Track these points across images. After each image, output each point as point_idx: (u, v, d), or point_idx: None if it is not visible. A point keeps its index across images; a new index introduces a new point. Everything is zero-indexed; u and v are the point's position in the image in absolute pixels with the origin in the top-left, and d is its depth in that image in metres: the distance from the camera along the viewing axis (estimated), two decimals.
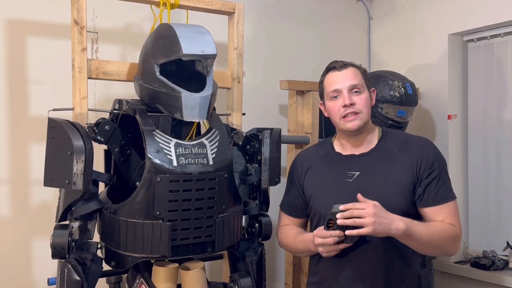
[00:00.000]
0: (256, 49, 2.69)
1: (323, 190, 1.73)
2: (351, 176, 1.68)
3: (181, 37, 1.53)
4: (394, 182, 1.64)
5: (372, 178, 1.66)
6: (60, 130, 1.47)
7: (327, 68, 1.74)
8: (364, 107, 1.66)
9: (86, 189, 1.47)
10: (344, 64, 1.70)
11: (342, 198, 1.56)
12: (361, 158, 1.71)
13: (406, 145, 1.70)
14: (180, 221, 1.52)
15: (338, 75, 1.68)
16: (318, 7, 3.02)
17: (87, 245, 1.59)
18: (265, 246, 1.86)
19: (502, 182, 2.67)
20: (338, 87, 1.67)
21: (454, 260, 2.75)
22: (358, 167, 1.69)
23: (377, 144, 1.72)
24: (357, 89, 1.66)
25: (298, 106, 2.53)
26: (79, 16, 1.67)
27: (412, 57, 2.95)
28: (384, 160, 1.68)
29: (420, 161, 1.65)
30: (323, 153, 1.81)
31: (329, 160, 1.77)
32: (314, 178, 1.78)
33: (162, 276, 1.62)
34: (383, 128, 1.80)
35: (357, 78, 1.68)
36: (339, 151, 1.77)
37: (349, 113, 1.65)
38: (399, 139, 1.74)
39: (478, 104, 2.77)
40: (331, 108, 1.70)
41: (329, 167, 1.76)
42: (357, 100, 1.65)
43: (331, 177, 1.73)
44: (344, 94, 1.65)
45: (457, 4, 2.71)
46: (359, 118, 1.65)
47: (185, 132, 1.74)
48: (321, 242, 1.55)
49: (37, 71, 2.17)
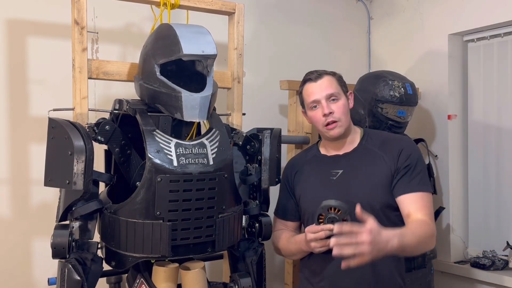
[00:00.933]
0: (256, 49, 2.69)
1: (310, 189, 1.83)
2: (335, 174, 1.79)
3: (181, 37, 1.53)
4: (375, 177, 1.75)
5: (354, 174, 1.77)
6: (61, 130, 1.47)
7: (304, 80, 1.84)
8: (342, 115, 1.77)
9: (86, 189, 1.47)
10: (319, 74, 1.80)
11: (327, 195, 1.66)
12: (344, 157, 1.83)
13: (386, 143, 1.82)
14: (180, 221, 1.52)
15: (315, 86, 1.78)
16: (318, 7, 3.02)
17: (88, 245, 1.59)
18: (265, 246, 1.87)
19: (502, 182, 2.67)
20: (316, 98, 1.77)
21: (454, 260, 2.75)
22: (341, 166, 1.80)
23: (359, 143, 1.84)
24: (334, 97, 1.77)
25: (298, 106, 2.53)
26: (80, 16, 1.67)
27: (412, 57, 2.95)
28: (366, 158, 1.80)
29: (398, 155, 1.76)
30: (310, 156, 1.93)
31: (315, 162, 1.88)
32: (302, 179, 1.88)
33: (162, 276, 1.62)
34: (365, 129, 1.93)
35: (332, 86, 1.78)
36: (324, 153, 1.89)
37: (329, 121, 1.75)
38: (379, 138, 1.86)
39: (478, 104, 2.77)
40: (313, 117, 1.81)
41: (315, 168, 1.86)
42: (335, 108, 1.76)
43: (317, 177, 1.84)
44: (323, 104, 1.76)
45: (457, 4, 2.71)
46: (339, 126, 1.77)
47: (185, 132, 1.74)
48: (313, 237, 1.61)
49: (37, 71, 2.17)
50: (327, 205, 1.58)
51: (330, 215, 1.57)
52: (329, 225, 1.55)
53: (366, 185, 1.74)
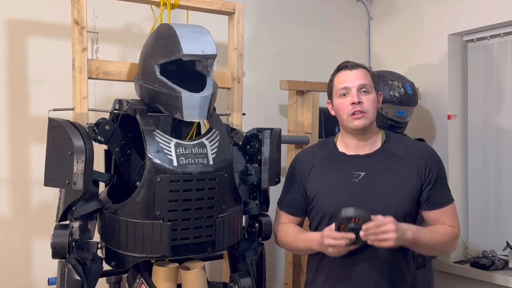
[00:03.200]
0: (256, 49, 2.69)
1: (328, 189, 1.75)
2: (357, 176, 1.71)
3: (181, 37, 1.53)
4: (400, 184, 1.69)
5: (377, 178, 1.69)
6: (61, 130, 1.47)
7: (338, 67, 1.78)
8: (371, 108, 1.70)
9: (86, 189, 1.47)
10: (356, 65, 1.76)
11: (348, 198, 1.64)
12: (366, 159, 1.74)
13: (410, 148, 1.77)
14: (180, 221, 1.52)
15: (349, 74, 1.73)
16: (318, 7, 3.02)
17: (87, 245, 1.59)
18: (265, 246, 1.87)
19: (502, 182, 2.68)
20: (348, 85, 1.71)
21: (454, 260, 2.75)
22: (363, 168, 1.72)
23: (382, 146, 1.76)
24: (365, 89, 1.71)
25: (298, 106, 2.53)
26: (80, 16, 1.67)
27: (412, 57, 2.95)
28: (390, 162, 1.72)
29: (425, 165, 1.71)
30: (326, 152, 1.82)
31: (332, 159, 1.79)
32: (318, 177, 1.79)
33: (162, 276, 1.62)
34: (386, 131, 1.84)
35: (366, 78, 1.73)
36: (342, 151, 1.78)
37: (356, 111, 1.68)
38: (403, 142, 1.80)
39: (478, 104, 2.77)
40: (339, 106, 1.73)
41: (333, 166, 1.77)
42: (365, 100, 1.69)
43: (336, 177, 1.75)
44: (353, 92, 1.69)
45: (457, 4, 2.71)
46: (365, 117, 1.69)
47: (185, 132, 1.74)
48: (332, 243, 1.58)
49: (37, 71, 2.17)
50: (347, 216, 1.54)
51: (351, 225, 1.54)
52: (351, 234, 1.54)
53: (392, 190, 1.68)
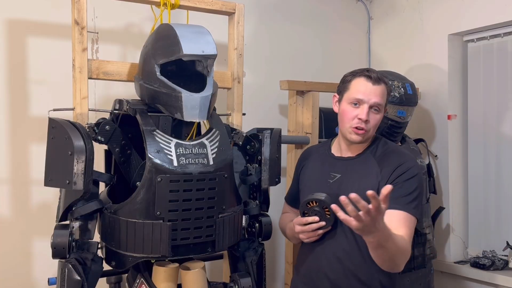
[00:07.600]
0: (256, 49, 2.69)
1: (308, 187, 1.82)
2: (333, 177, 1.76)
3: (181, 37, 1.53)
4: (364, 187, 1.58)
5: (348, 181, 1.72)
6: (61, 130, 1.47)
7: (360, 73, 1.71)
8: (373, 127, 1.71)
9: (86, 189, 1.48)
10: (379, 79, 1.69)
11: None
12: (346, 161, 1.78)
13: (387, 155, 1.73)
14: (180, 221, 1.53)
15: (369, 88, 1.67)
16: (318, 7, 3.02)
17: (88, 245, 1.59)
18: (265, 246, 1.87)
19: (502, 182, 2.68)
20: (363, 99, 1.67)
21: (454, 260, 2.75)
22: (340, 170, 1.77)
23: (364, 150, 1.77)
24: (377, 107, 1.69)
25: (298, 106, 2.53)
26: (80, 16, 1.67)
27: (412, 57, 2.95)
28: (363, 165, 1.74)
29: (394, 169, 1.67)
30: (320, 152, 1.89)
31: (321, 160, 1.85)
32: (306, 174, 1.88)
33: (163, 276, 1.62)
34: (381, 137, 1.83)
35: (383, 98, 1.70)
36: (333, 152, 1.84)
37: (360, 127, 1.67)
38: (387, 149, 1.76)
39: (478, 104, 2.77)
40: (346, 112, 1.71)
41: (319, 166, 1.84)
42: (372, 119, 1.69)
43: (318, 176, 1.81)
44: (365, 108, 1.67)
45: (457, 4, 2.71)
46: (365, 135, 1.70)
47: (185, 132, 1.74)
48: (300, 230, 1.66)
49: (37, 71, 2.17)
50: (306, 200, 1.66)
51: (313, 208, 1.64)
52: (313, 216, 1.63)
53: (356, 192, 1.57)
